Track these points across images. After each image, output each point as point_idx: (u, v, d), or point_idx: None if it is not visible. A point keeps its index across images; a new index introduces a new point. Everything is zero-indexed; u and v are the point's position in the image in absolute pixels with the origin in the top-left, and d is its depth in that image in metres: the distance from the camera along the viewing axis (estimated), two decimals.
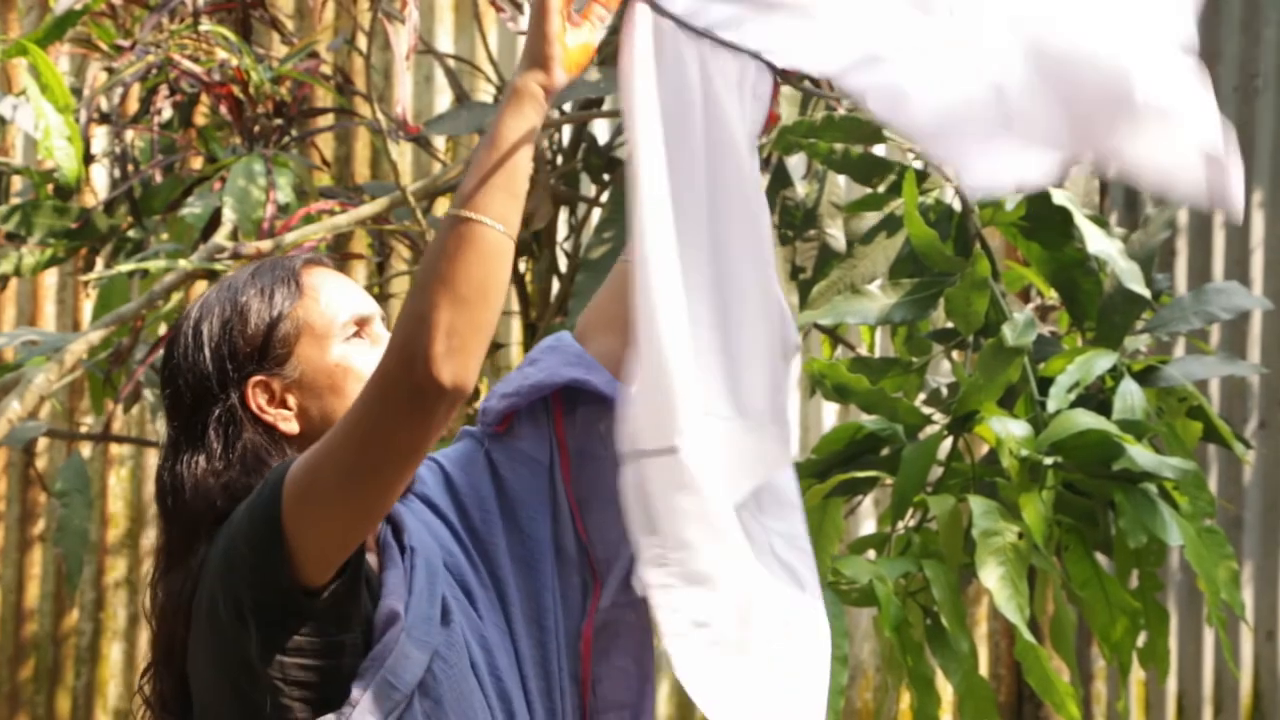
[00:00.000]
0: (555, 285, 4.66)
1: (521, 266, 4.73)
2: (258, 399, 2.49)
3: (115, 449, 5.83)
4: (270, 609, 2.38)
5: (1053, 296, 4.10)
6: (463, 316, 2.30)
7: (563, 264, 4.71)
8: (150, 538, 5.87)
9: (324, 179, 5.10)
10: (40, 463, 5.81)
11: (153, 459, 5.79)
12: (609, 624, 2.56)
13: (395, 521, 2.53)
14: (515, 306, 4.80)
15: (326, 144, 5.60)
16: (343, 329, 2.51)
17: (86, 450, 5.80)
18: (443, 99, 5.82)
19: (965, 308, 3.63)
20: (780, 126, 3.82)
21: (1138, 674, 5.69)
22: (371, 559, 2.49)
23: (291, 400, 2.51)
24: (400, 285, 4.99)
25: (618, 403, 2.45)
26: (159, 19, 4.48)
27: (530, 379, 2.61)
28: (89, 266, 4.84)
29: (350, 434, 2.34)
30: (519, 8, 4.27)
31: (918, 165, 3.88)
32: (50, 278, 5.92)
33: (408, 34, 3.85)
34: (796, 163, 4.08)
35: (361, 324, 2.53)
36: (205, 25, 4.53)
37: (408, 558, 2.49)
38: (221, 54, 4.55)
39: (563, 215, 4.68)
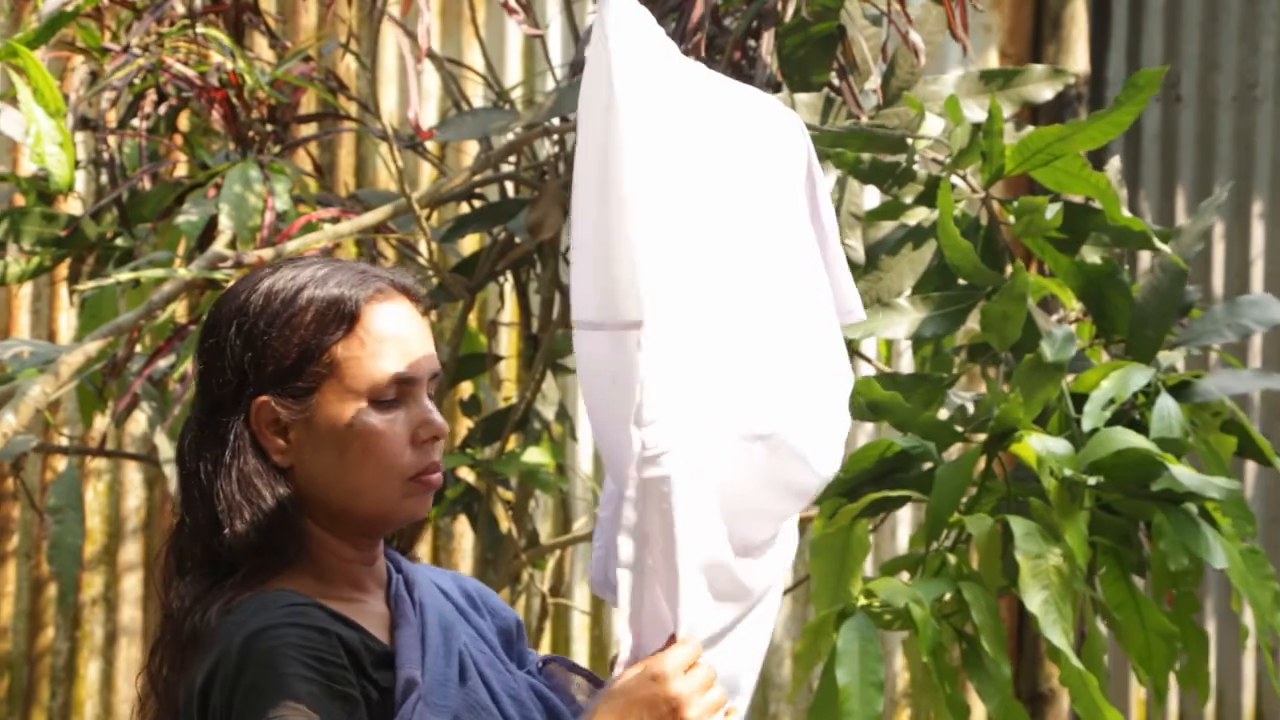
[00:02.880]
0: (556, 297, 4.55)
1: (523, 277, 4.61)
2: (262, 420, 2.31)
3: (92, 463, 5.67)
4: None
5: (1075, 307, 4.00)
6: None
7: (564, 275, 4.59)
8: (129, 553, 5.72)
9: (312, 186, 4.97)
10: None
11: (131, 473, 5.64)
12: None
13: (406, 574, 2.38)
14: (515, 318, 4.68)
15: (311, 151, 5.46)
16: (375, 390, 2.29)
17: (61, 464, 5.65)
18: (428, 105, 5.69)
19: (1002, 322, 3.53)
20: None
21: (1140, 693, 5.60)
22: (380, 610, 2.34)
23: (292, 435, 2.31)
24: None
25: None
26: (151, 21, 4.33)
27: None
28: (73, 276, 4.70)
29: None
30: (526, 9, 4.15)
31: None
32: (25, 287, 5.76)
33: (420, 36, 3.73)
34: None
35: (407, 385, 2.31)
36: (200, 28, 4.39)
37: (419, 612, 2.33)
38: (216, 57, 4.41)
39: (564, 225, 4.55)
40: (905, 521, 5.58)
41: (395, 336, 2.30)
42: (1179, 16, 6.04)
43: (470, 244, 4.97)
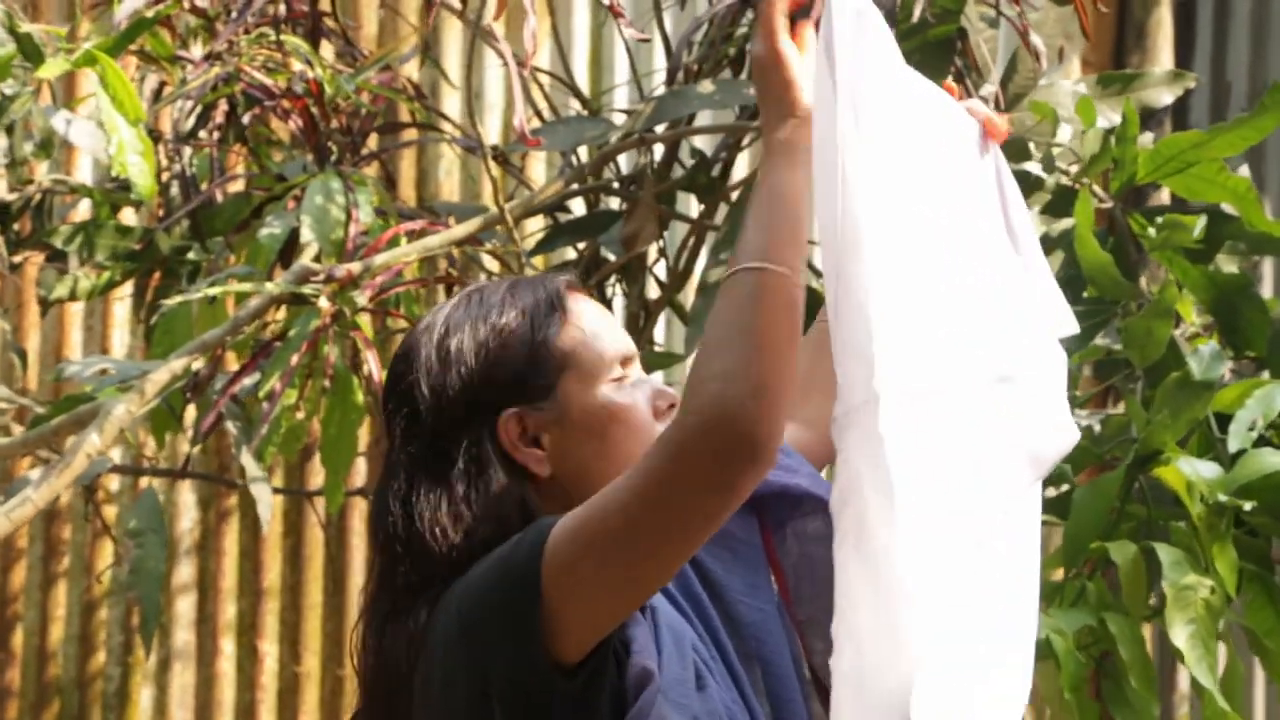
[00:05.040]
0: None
1: (608, 291, 4.46)
2: (511, 434, 2.23)
3: (143, 483, 5.51)
4: (520, 691, 2.10)
5: (1194, 321, 3.86)
6: (772, 368, 2.08)
7: (650, 290, 4.45)
8: (182, 575, 5.56)
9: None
10: (65, 496, 5.49)
11: (185, 494, 5.49)
12: None
13: None
14: None
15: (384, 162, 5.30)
16: (609, 367, 2.27)
17: (114, 484, 5.49)
18: (492, 116, 5.55)
19: (1145, 338, 3.38)
20: None
21: None
22: None
23: (546, 440, 2.25)
24: None
25: (824, 501, 2.24)
26: (236, 28, 4.18)
27: None
28: (139, 292, 4.55)
29: (632, 503, 2.08)
30: (617, 12, 3.99)
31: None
32: (77, 304, 5.60)
33: (526, 40, 3.58)
34: None
35: (626, 364, 2.29)
36: (283, 36, 4.24)
37: (648, 615, 2.21)
38: (296, 65, 4.26)
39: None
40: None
41: (600, 317, 2.30)
42: (1266, 24, 5.91)
43: (545, 255, 4.82)
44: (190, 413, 4.45)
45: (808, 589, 2.36)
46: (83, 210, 5.06)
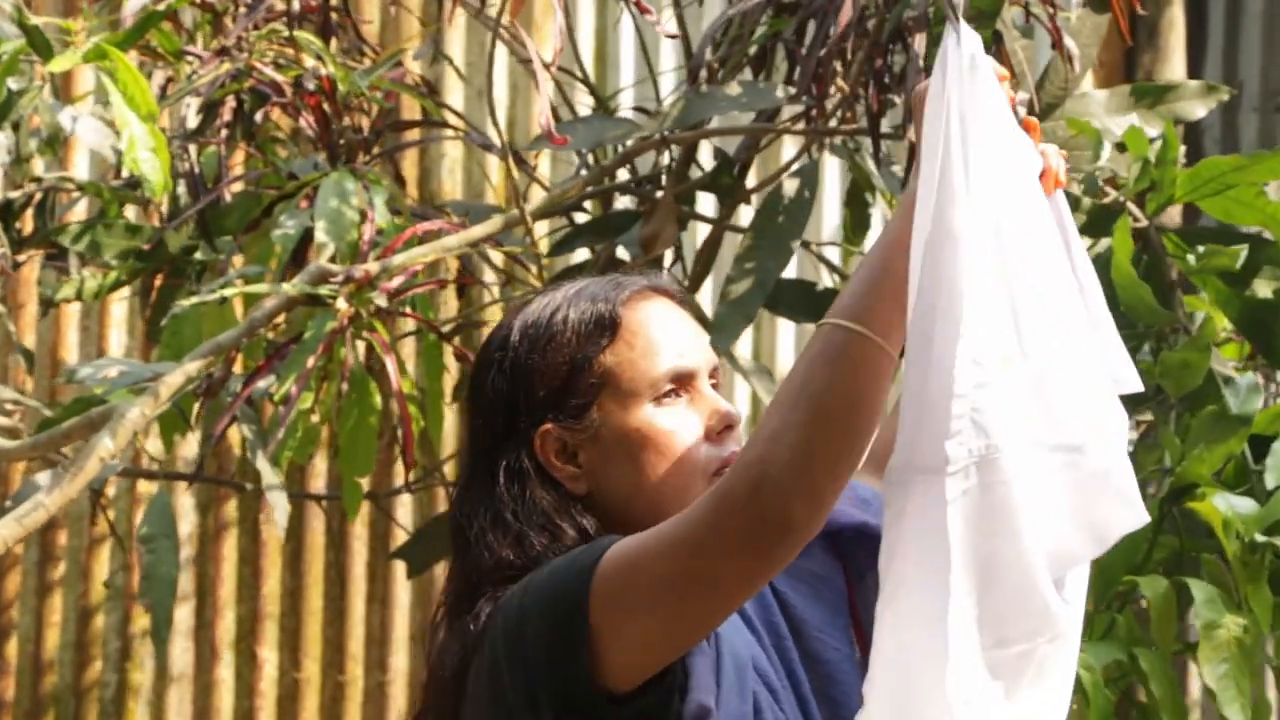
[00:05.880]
0: None
1: None
2: (548, 450, 2.17)
3: (142, 486, 5.41)
4: (568, 712, 2.04)
5: (1225, 327, 3.79)
6: (828, 444, 1.97)
7: None
8: (181, 582, 5.46)
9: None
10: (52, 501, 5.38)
11: (183, 498, 5.39)
12: None
13: None
14: None
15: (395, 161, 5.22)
16: (653, 386, 2.17)
17: (112, 489, 5.40)
18: (498, 113, 5.46)
19: (1181, 370, 3.32)
20: None
21: None
22: None
23: (583, 457, 2.17)
24: (493, 314, 4.61)
25: None
26: (248, 23, 4.09)
27: None
28: (144, 292, 4.45)
29: (676, 546, 2.00)
30: (645, 9, 3.92)
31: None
32: (73, 304, 5.50)
33: (554, 37, 3.50)
34: None
35: (681, 381, 2.18)
36: (296, 31, 4.15)
37: (713, 643, 2.14)
38: (309, 61, 4.17)
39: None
40: None
41: (661, 332, 2.19)
42: (1278, 23, 5.87)
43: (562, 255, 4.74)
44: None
45: None
46: (80, 209, 4.97)
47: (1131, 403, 3.53)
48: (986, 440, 1.99)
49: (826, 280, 4.42)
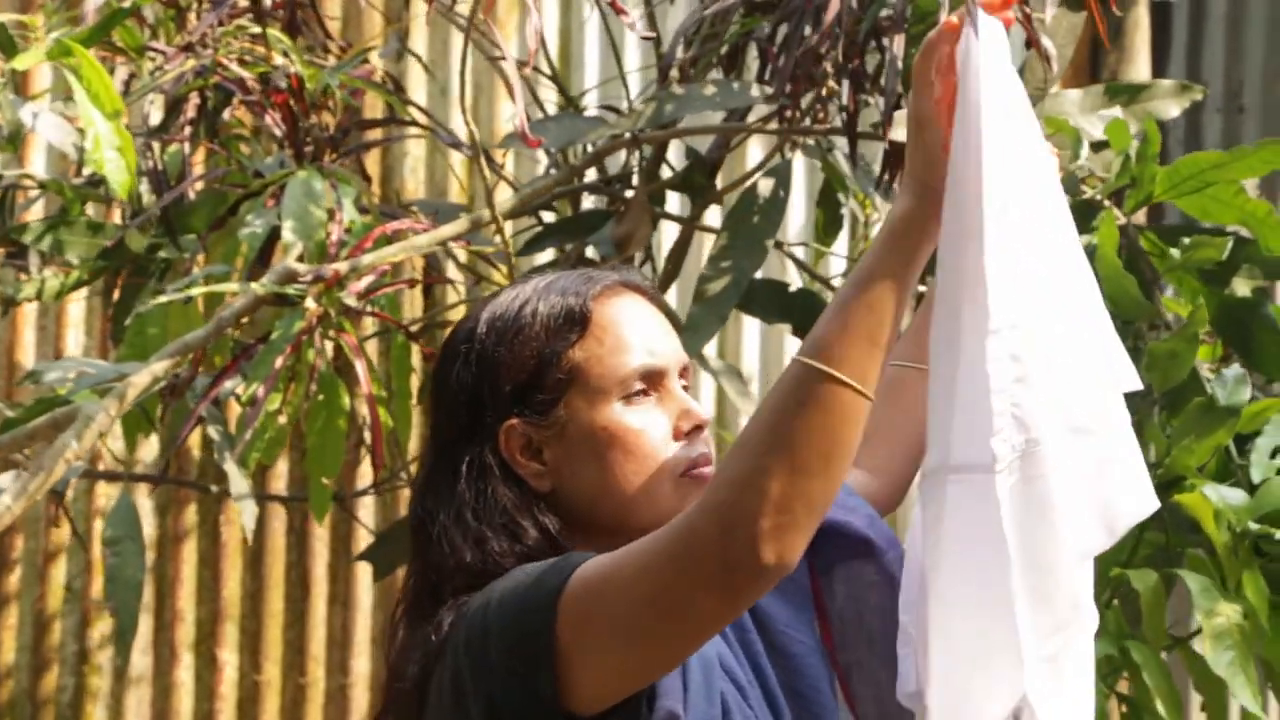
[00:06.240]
0: None
1: None
2: (512, 446, 2.12)
3: (100, 487, 5.35)
4: None
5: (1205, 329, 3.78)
6: (798, 487, 1.92)
7: None
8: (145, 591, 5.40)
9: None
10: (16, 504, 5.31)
11: (141, 500, 5.33)
12: None
13: None
14: None
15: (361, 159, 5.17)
16: (622, 384, 2.12)
17: (70, 490, 5.33)
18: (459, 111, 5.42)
19: (1169, 362, 3.30)
20: None
21: None
22: None
23: (547, 455, 2.13)
24: (460, 314, 4.56)
25: (878, 546, 2.22)
26: (214, 19, 4.04)
27: None
28: (106, 291, 4.40)
29: (644, 580, 1.96)
30: (620, 10, 3.89)
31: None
32: (30, 304, 5.43)
33: (530, 38, 3.46)
34: None
35: (650, 379, 2.14)
36: (260, 28, 4.10)
37: None
38: (277, 58, 4.12)
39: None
40: None
41: (632, 329, 2.14)
42: (1241, 25, 5.88)
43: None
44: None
45: (853, 633, 2.27)
46: (38, 208, 4.91)
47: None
48: (1027, 435, 1.98)
49: (796, 280, 4.39)
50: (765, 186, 3.78)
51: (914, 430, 2.33)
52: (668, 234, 4.95)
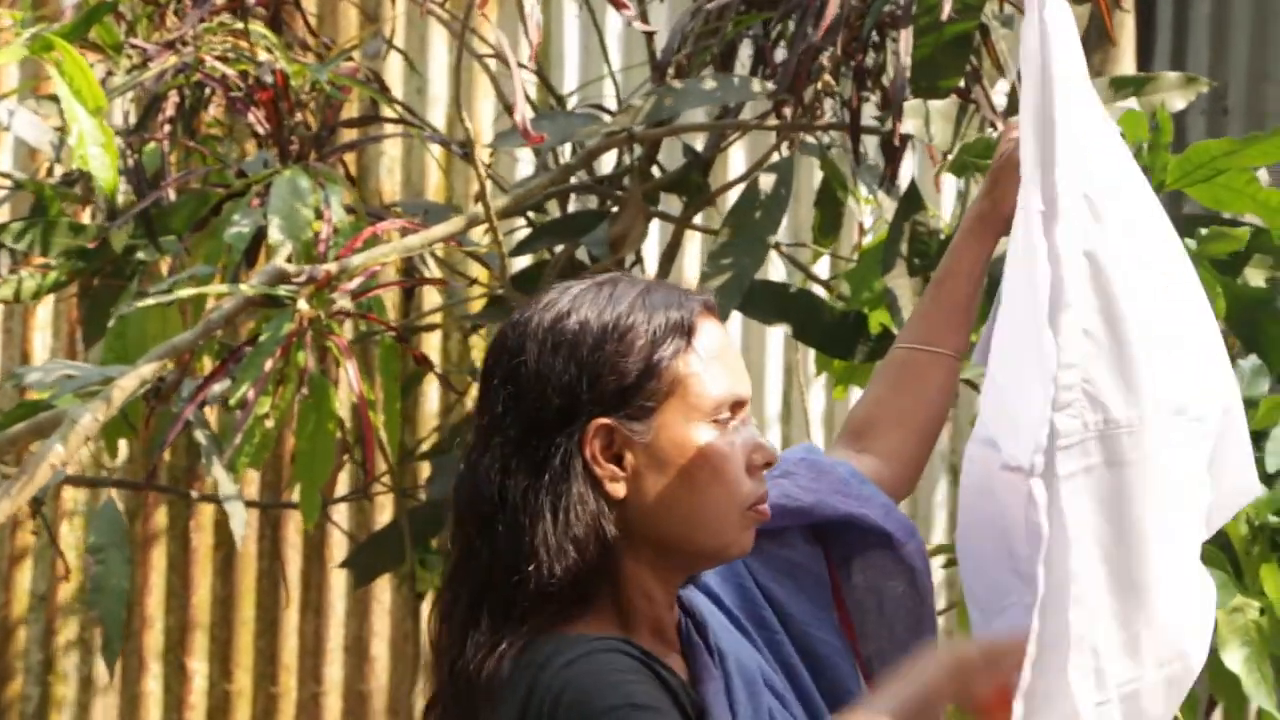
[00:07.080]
0: None
1: None
2: (595, 444, 2.08)
3: (68, 492, 5.25)
4: None
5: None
6: None
7: None
8: None
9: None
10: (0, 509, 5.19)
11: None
12: None
13: (694, 613, 2.15)
14: None
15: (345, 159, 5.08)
16: (716, 408, 2.11)
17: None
18: (438, 108, 5.35)
19: None
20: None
21: None
22: (678, 664, 2.09)
23: (629, 460, 2.09)
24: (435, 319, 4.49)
25: (896, 538, 2.22)
26: (198, 16, 3.95)
27: (793, 500, 2.25)
28: (83, 292, 4.30)
29: None
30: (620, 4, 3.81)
31: None
32: None
33: (532, 33, 3.39)
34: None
35: (736, 408, 2.13)
36: (246, 25, 4.01)
37: (718, 662, 2.11)
38: (261, 55, 4.03)
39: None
40: None
41: (726, 355, 2.14)
42: (1225, 26, 5.86)
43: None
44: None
45: (873, 624, 2.27)
46: (4, 209, 4.81)
47: None
48: (1104, 415, 1.92)
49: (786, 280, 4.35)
50: (767, 183, 3.72)
51: (926, 414, 2.34)
52: (654, 234, 4.89)
